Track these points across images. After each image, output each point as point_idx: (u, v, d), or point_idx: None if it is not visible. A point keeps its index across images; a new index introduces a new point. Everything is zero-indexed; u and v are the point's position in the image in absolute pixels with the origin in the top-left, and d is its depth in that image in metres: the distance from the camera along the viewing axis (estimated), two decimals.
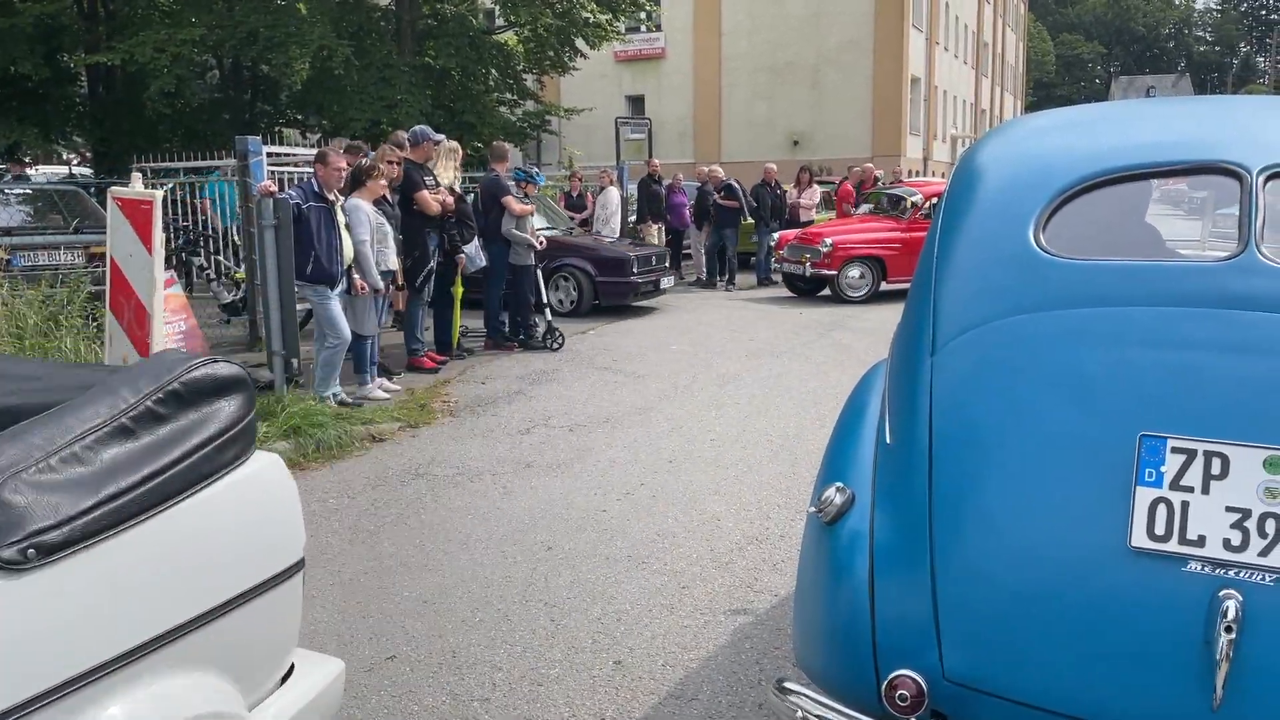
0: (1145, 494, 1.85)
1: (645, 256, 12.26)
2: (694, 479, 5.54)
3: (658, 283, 12.33)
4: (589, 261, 11.88)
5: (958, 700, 1.96)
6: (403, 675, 3.35)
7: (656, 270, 12.38)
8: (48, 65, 17.76)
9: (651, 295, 12.44)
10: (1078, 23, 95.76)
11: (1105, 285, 2.09)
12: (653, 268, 12.29)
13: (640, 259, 12.02)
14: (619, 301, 11.91)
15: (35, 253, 8.86)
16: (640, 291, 12.01)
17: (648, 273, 12.08)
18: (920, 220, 13.37)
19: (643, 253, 12.38)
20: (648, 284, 12.11)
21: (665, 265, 12.82)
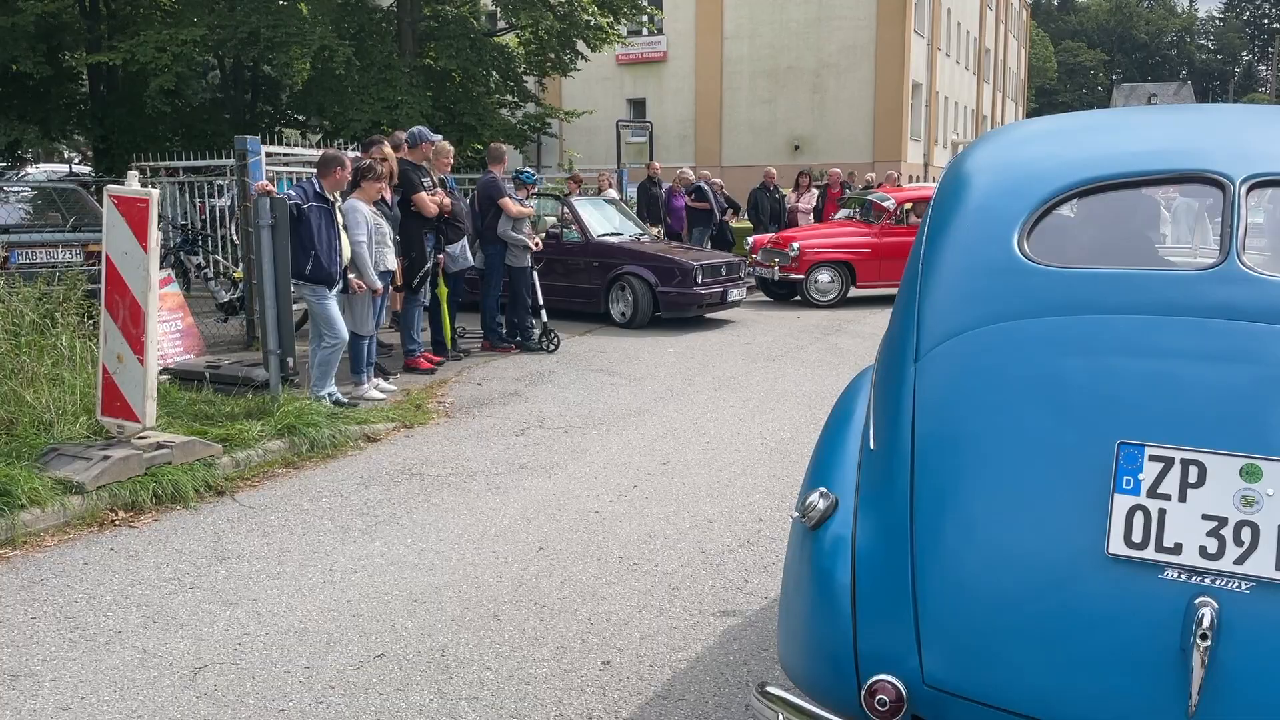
0: (1123, 501, 1.86)
1: (713, 265, 11.33)
2: (687, 481, 5.55)
3: (725, 294, 11.36)
4: (648, 269, 10.99)
5: (937, 705, 1.97)
6: (391, 673, 3.37)
7: (725, 280, 11.40)
8: (49, 64, 17.76)
9: (718, 308, 11.48)
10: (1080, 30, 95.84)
11: (1087, 293, 2.11)
12: (721, 277, 11.35)
13: (707, 267, 11.13)
14: (681, 314, 11.09)
15: (33, 250, 8.88)
16: (705, 304, 11.10)
17: (715, 283, 11.18)
18: (892, 226, 13.39)
19: (709, 260, 11.43)
20: (714, 295, 11.18)
21: (736, 275, 11.71)
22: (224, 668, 3.41)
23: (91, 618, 3.80)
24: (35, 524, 4.61)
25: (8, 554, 4.40)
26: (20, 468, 4.80)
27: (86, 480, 4.86)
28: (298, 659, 3.47)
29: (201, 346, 8.25)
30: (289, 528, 4.81)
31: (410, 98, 17.56)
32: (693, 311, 11.08)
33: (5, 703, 3.17)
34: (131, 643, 3.59)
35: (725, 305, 11.50)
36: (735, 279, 11.66)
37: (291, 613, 3.84)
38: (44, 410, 5.55)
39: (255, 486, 5.44)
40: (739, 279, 11.76)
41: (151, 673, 3.37)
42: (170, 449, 5.25)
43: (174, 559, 4.41)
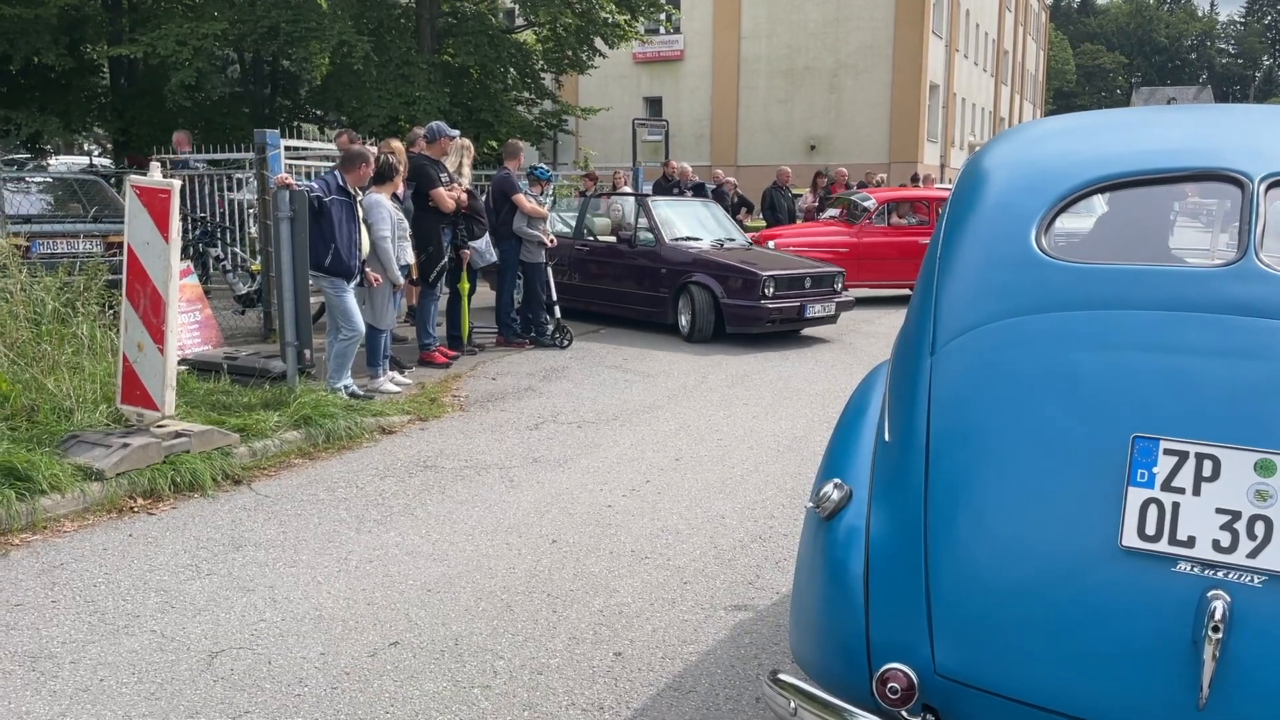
0: (1137, 494, 1.88)
1: (792, 276, 9.87)
2: (699, 477, 5.57)
3: (803, 309, 9.85)
4: (714, 278, 9.83)
5: (948, 695, 1.99)
6: (405, 661, 3.40)
7: (808, 294, 9.97)
8: (71, 56, 17.89)
9: (795, 324, 10.04)
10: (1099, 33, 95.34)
11: (1103, 289, 2.12)
12: (803, 290, 9.94)
13: (781, 279, 9.72)
14: (746, 329, 9.81)
15: (54, 241, 8.96)
16: (775, 319, 9.74)
17: (792, 296, 9.80)
18: (873, 226, 13.36)
19: (788, 270, 9.94)
20: (788, 311, 9.75)
21: (828, 288, 10.18)
22: (241, 653, 3.44)
23: (110, 602, 3.85)
24: (56, 509, 4.66)
25: (29, 539, 4.45)
26: (41, 454, 4.85)
27: (106, 467, 4.91)
28: (313, 645, 3.50)
29: (219, 338, 8.31)
30: (305, 517, 4.85)
31: (428, 94, 17.62)
32: (761, 327, 9.75)
33: (26, 684, 3.21)
34: (150, 627, 3.64)
35: (804, 322, 10.05)
36: (825, 292, 10.15)
37: (307, 600, 3.88)
38: (65, 398, 5.61)
39: (272, 476, 5.49)
40: (831, 292, 10.22)
41: (169, 656, 3.41)
42: (188, 438, 5.30)
43: (192, 546, 4.45)
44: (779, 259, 10.61)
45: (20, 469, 4.65)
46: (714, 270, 9.89)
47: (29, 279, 6.37)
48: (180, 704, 3.10)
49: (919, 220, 13.82)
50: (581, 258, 11.33)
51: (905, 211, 14.11)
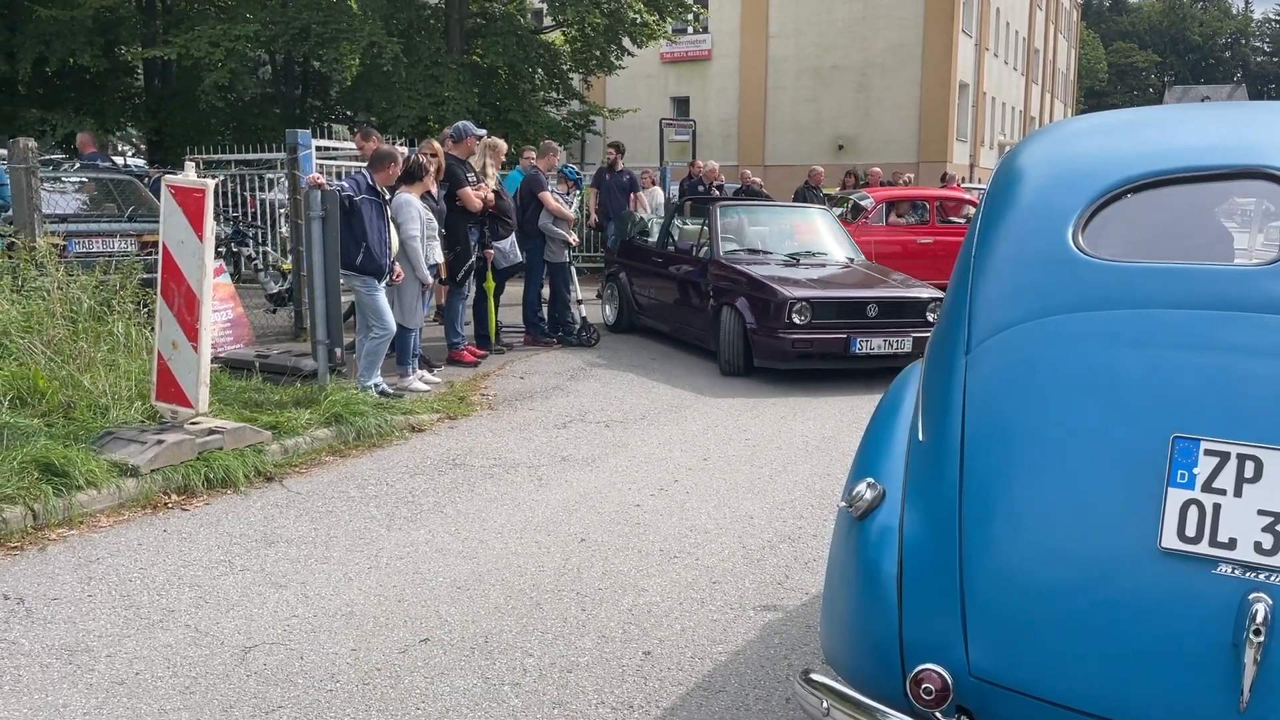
0: (1177, 495, 1.85)
1: (840, 301, 8.13)
2: (728, 477, 5.56)
3: (848, 344, 7.91)
4: (746, 298, 8.29)
5: (983, 696, 1.97)
6: (436, 657, 3.41)
7: (865, 324, 8.03)
8: (106, 57, 18.14)
9: (832, 360, 8.05)
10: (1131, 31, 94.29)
11: (1142, 287, 2.09)
12: (856, 320, 8.03)
13: (820, 304, 7.96)
14: (771, 364, 8.16)
15: (90, 240, 9.08)
16: (804, 354, 7.93)
17: (836, 326, 7.97)
18: (871, 225, 13.27)
19: (828, 294, 8.19)
20: (823, 344, 7.90)
21: (918, 317, 8.17)
22: (273, 648, 3.47)
23: (145, 597, 3.90)
24: (92, 505, 4.72)
25: (65, 534, 4.51)
26: (78, 450, 4.92)
27: (141, 463, 4.97)
28: (345, 641, 3.53)
29: (251, 336, 8.39)
30: (336, 514, 4.88)
31: (457, 94, 17.71)
32: (786, 362, 8.06)
33: (63, 676, 3.26)
34: (184, 621, 3.68)
35: (851, 359, 8.01)
36: (899, 324, 8.07)
37: (339, 596, 3.91)
38: (100, 395, 5.68)
39: (303, 473, 5.53)
40: (913, 323, 8.10)
41: (203, 651, 3.45)
42: (222, 435, 5.36)
43: (225, 541, 4.50)
44: (863, 279, 8.70)
45: (57, 465, 4.72)
46: (747, 290, 8.37)
47: (66, 277, 6.46)
48: (214, 698, 3.14)
49: (918, 219, 13.72)
50: (646, 269, 10.31)
51: (904, 210, 14.02)
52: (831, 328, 7.99)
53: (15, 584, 3.98)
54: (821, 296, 8.12)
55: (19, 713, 3.04)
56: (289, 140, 8.81)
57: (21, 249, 6.69)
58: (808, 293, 8.09)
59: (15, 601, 3.82)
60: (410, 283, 7.29)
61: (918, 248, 13.11)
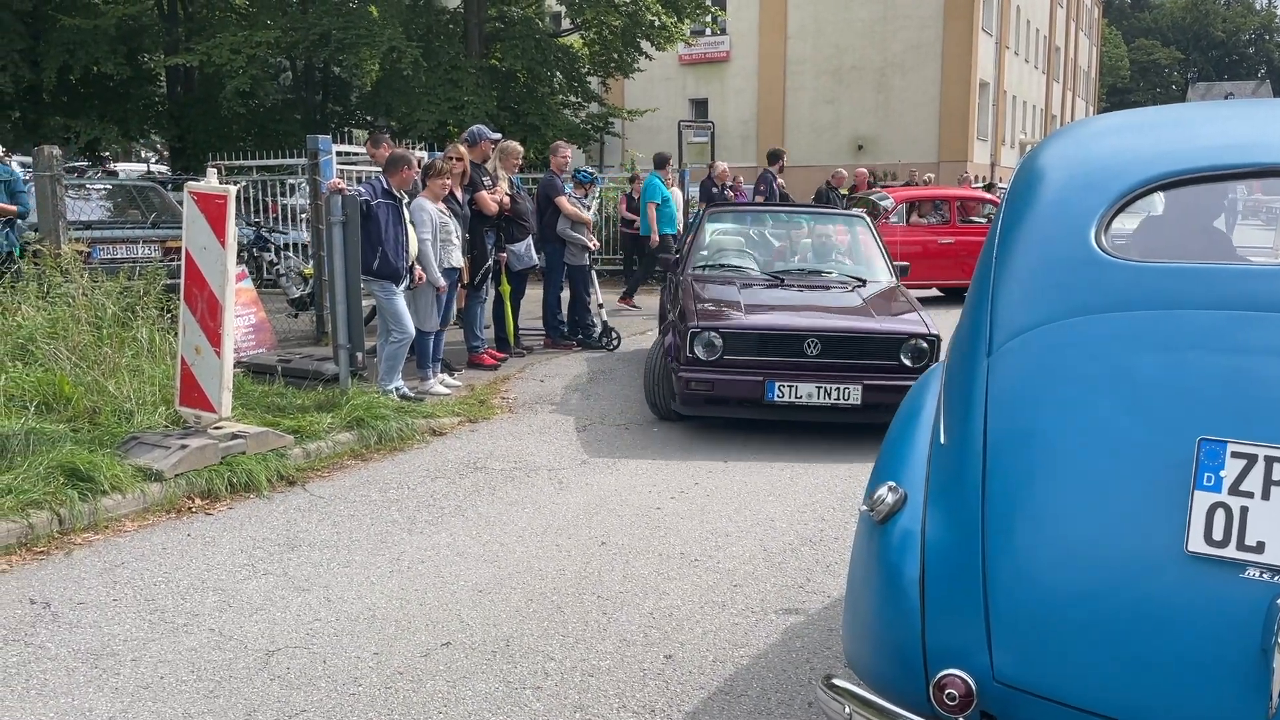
0: (1203, 499, 1.83)
1: (751, 332, 6.22)
2: (748, 479, 5.55)
3: (764, 387, 6.08)
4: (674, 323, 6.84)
5: (1007, 702, 1.96)
6: (458, 661, 3.42)
7: (781, 366, 6.12)
8: (129, 65, 18.34)
9: (754, 408, 6.24)
10: (1154, 28, 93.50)
11: (1166, 288, 2.07)
12: (777, 361, 6.12)
13: (732, 334, 6.17)
14: (680, 409, 6.50)
15: (114, 246, 9.17)
16: (707, 398, 6.24)
17: (746, 367, 6.12)
18: (891, 225, 13.21)
19: (743, 322, 6.32)
20: (727, 385, 6.14)
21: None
22: (297, 652, 3.49)
23: (170, 601, 3.92)
24: (117, 509, 4.77)
25: (91, 538, 4.55)
26: (103, 455, 4.96)
27: (165, 468, 5.01)
28: (367, 645, 3.54)
29: (273, 341, 8.45)
30: (358, 518, 4.91)
31: (476, 98, 17.77)
32: (691, 409, 6.41)
33: (89, 680, 3.29)
34: (208, 625, 3.70)
35: (768, 408, 6.16)
36: (839, 366, 6.12)
37: (361, 600, 3.93)
38: (125, 400, 5.73)
39: (325, 477, 5.56)
40: (850, 370, 6.12)
41: (227, 655, 3.47)
42: (244, 439, 5.39)
43: (248, 546, 4.52)
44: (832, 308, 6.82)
45: (83, 470, 4.76)
46: (678, 314, 6.75)
47: (90, 284, 6.53)
48: (238, 701, 3.15)
49: (940, 219, 13.65)
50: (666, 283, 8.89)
51: (926, 211, 13.95)
52: (747, 367, 6.10)
53: (42, 588, 4.02)
54: (737, 326, 6.24)
55: (45, 716, 3.07)
56: (310, 146, 8.86)
57: (47, 256, 6.76)
58: (723, 321, 6.30)
59: (42, 606, 3.85)
60: (424, 287, 7.31)
61: (939, 248, 13.06)
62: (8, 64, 16.82)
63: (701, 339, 6.19)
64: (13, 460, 4.84)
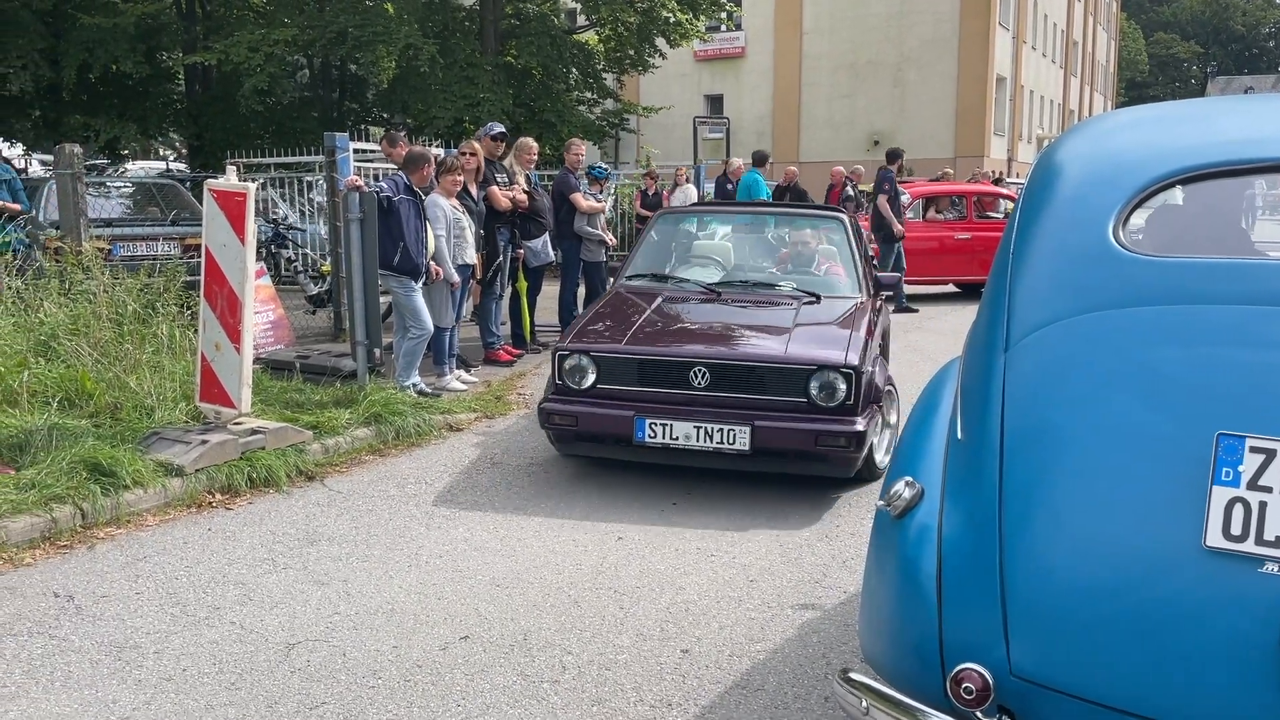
0: (1221, 493, 1.83)
1: (627, 358, 5.18)
2: (763, 474, 5.54)
3: (633, 427, 5.05)
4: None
5: (1024, 696, 1.96)
6: (476, 655, 3.45)
7: (660, 400, 5.11)
8: (148, 64, 18.46)
9: (624, 449, 5.20)
10: (1173, 21, 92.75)
11: (1184, 282, 2.07)
12: (657, 393, 5.11)
13: (606, 359, 5.21)
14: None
15: (135, 243, 9.24)
16: (575, 434, 5.32)
17: (617, 400, 5.17)
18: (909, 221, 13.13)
19: (621, 347, 5.24)
20: (592, 421, 5.19)
21: (744, 391, 5.03)
22: (316, 645, 3.52)
23: (191, 594, 3.97)
24: (138, 504, 4.81)
25: (113, 532, 4.60)
26: (124, 450, 5.01)
27: (186, 463, 5.06)
28: (386, 638, 3.57)
29: (291, 337, 8.50)
30: (376, 513, 4.94)
31: (492, 95, 17.82)
32: (564, 447, 5.55)
33: (112, 672, 3.33)
34: (229, 619, 3.74)
35: (639, 449, 5.12)
36: (732, 402, 5.00)
37: (380, 594, 3.96)
38: (146, 396, 5.78)
39: (344, 472, 5.60)
40: (743, 408, 4.97)
41: (248, 648, 3.50)
42: (264, 435, 5.44)
43: (268, 540, 4.56)
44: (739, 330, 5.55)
45: (105, 465, 4.81)
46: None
47: (111, 281, 6.59)
48: (259, 694, 3.19)
49: (956, 214, 13.59)
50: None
51: (943, 206, 13.90)
52: (622, 400, 5.15)
53: (65, 582, 4.07)
54: (611, 350, 5.23)
55: (70, 707, 3.11)
56: (327, 143, 8.91)
57: (68, 253, 6.83)
58: (598, 344, 5.31)
59: (65, 599, 3.90)
60: (439, 284, 7.34)
61: (955, 243, 13.02)
62: (28, 63, 16.96)
63: (570, 364, 5.27)
64: (36, 455, 4.90)
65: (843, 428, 4.87)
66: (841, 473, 5.07)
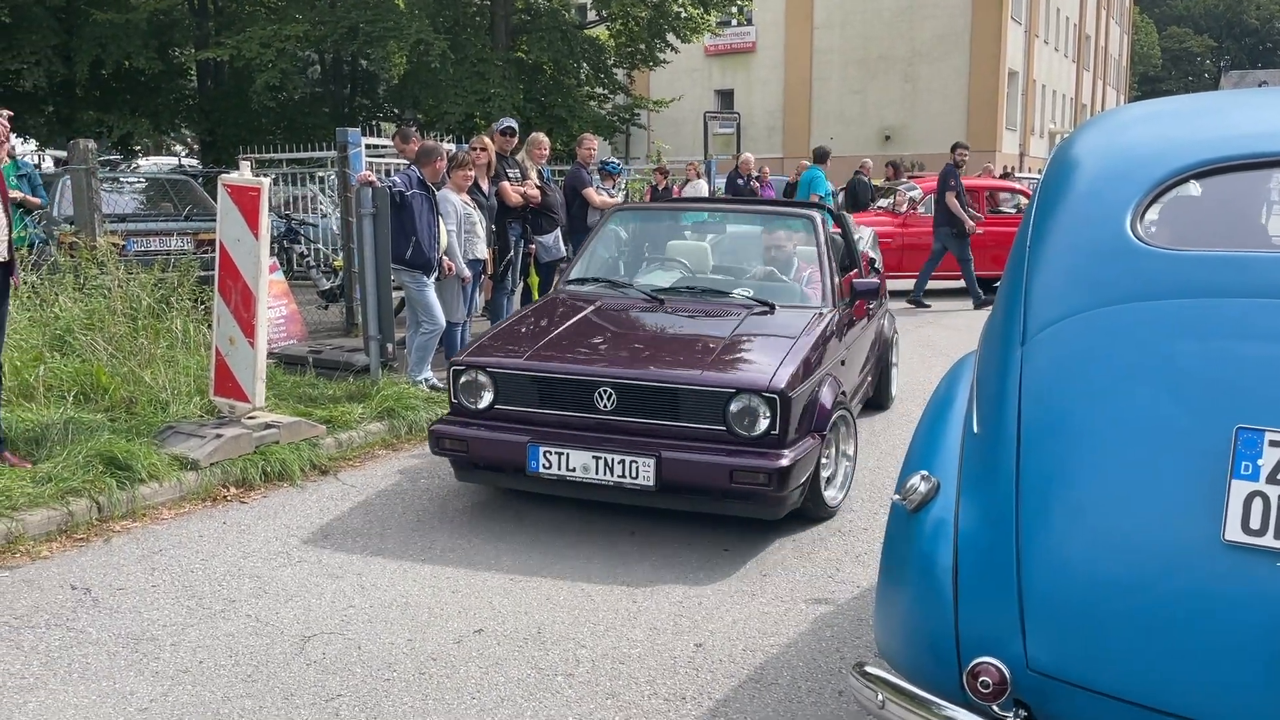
0: (1240, 487, 1.83)
1: (526, 375, 4.56)
2: None
3: (527, 455, 4.41)
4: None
5: (1041, 690, 1.96)
6: (490, 648, 3.46)
7: (559, 425, 4.48)
8: (160, 59, 18.51)
9: (518, 478, 4.61)
10: (1186, 15, 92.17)
11: (1203, 276, 2.06)
12: (557, 416, 4.49)
13: (505, 375, 4.60)
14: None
15: (148, 239, 9.28)
16: (468, 461, 4.70)
17: (511, 423, 4.58)
18: (919, 216, 13.09)
19: (521, 362, 4.61)
20: (482, 446, 4.59)
21: (654, 417, 4.36)
22: (331, 637, 3.54)
23: (207, 587, 3.99)
24: (154, 497, 4.84)
25: (129, 525, 4.63)
26: (140, 444, 5.04)
27: (201, 457, 5.08)
28: (400, 631, 3.58)
29: (304, 332, 8.53)
30: (390, 506, 4.96)
31: (503, 90, 17.82)
32: (460, 474, 4.91)
33: (130, 664, 3.35)
34: (245, 611, 3.76)
35: (529, 479, 4.50)
36: (639, 430, 4.38)
37: (394, 587, 3.97)
38: (160, 390, 5.81)
39: (357, 466, 5.62)
40: (651, 436, 4.34)
41: (264, 640, 3.52)
42: (278, 429, 5.46)
43: (282, 534, 4.58)
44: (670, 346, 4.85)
45: (121, 458, 4.84)
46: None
47: (126, 276, 6.62)
48: (275, 686, 3.21)
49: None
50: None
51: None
52: (520, 423, 4.53)
53: (82, 574, 4.09)
54: (511, 366, 4.59)
55: (87, 699, 3.13)
56: (339, 139, 8.91)
57: (83, 248, 6.86)
58: (497, 358, 4.68)
59: (83, 591, 3.93)
60: (450, 279, 7.34)
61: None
62: (41, 59, 17.03)
63: (465, 380, 4.64)
64: (52, 449, 4.93)
65: (763, 463, 4.12)
66: (767, 514, 4.36)
